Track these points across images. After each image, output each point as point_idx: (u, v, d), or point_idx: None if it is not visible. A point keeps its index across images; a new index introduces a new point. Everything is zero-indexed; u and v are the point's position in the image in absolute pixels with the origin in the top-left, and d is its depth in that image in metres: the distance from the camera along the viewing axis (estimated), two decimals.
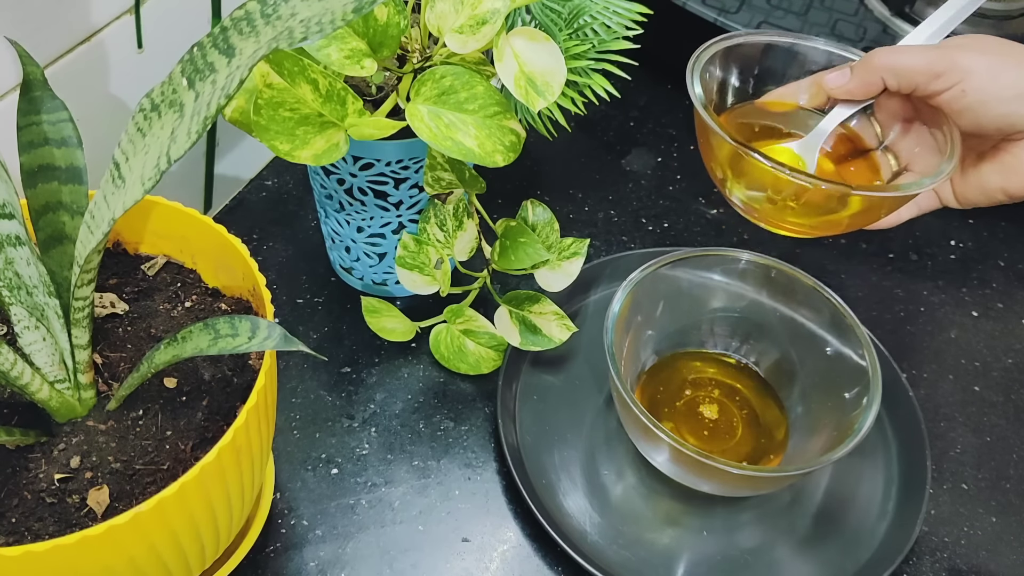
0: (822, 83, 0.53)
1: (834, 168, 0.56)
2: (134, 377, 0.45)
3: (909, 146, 0.54)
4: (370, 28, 0.50)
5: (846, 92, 0.52)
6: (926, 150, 0.53)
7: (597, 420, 0.64)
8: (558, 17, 0.61)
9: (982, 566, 0.59)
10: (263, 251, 0.73)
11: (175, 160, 0.37)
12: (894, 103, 0.54)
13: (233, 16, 0.38)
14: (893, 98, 0.52)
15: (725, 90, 0.57)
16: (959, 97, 0.49)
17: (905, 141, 0.54)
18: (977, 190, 0.54)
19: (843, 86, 0.52)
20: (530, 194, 0.78)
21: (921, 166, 0.53)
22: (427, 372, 0.66)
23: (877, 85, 0.51)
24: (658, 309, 0.63)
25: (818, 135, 0.54)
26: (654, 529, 0.59)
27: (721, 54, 0.55)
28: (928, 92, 0.50)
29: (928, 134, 0.53)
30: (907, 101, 0.52)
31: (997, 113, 0.49)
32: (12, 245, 0.43)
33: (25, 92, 0.47)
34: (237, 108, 0.53)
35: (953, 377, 0.69)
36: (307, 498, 0.59)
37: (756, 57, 0.57)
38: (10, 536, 0.43)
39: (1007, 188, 0.53)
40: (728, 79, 0.56)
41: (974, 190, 0.54)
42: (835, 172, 0.56)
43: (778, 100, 0.56)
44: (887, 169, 0.55)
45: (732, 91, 0.57)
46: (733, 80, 0.57)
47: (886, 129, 0.55)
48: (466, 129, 0.52)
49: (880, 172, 0.55)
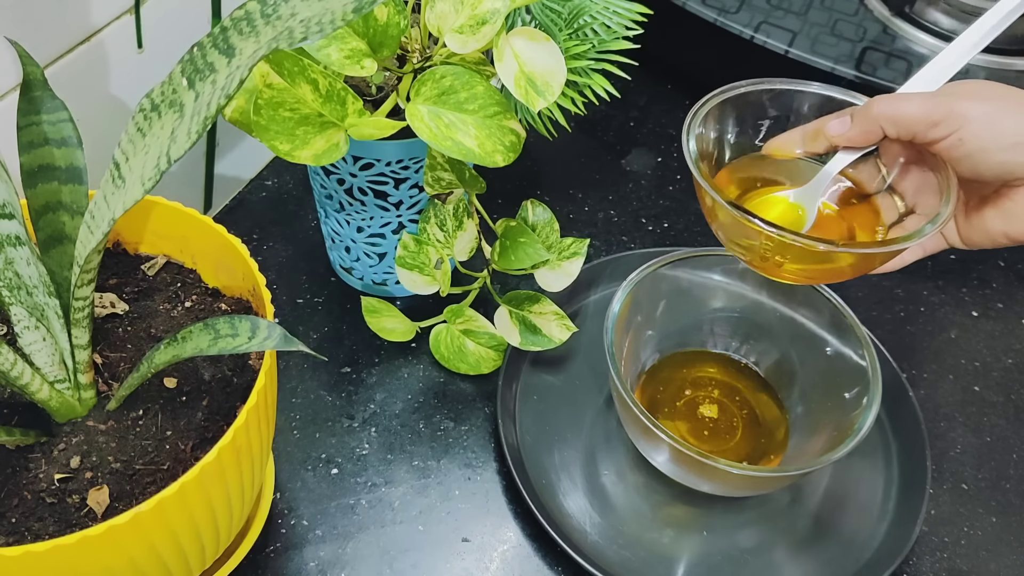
0: (823, 130, 0.53)
1: (836, 213, 0.56)
2: (134, 377, 0.45)
3: (914, 187, 0.54)
4: (370, 28, 0.50)
5: (847, 140, 0.52)
6: (930, 192, 0.52)
7: (597, 420, 0.64)
8: (558, 17, 0.61)
9: (982, 566, 0.59)
10: (263, 251, 0.73)
11: (175, 160, 0.37)
12: (897, 147, 0.54)
13: (233, 16, 0.38)
14: (896, 142, 0.52)
15: (723, 143, 0.57)
16: (957, 145, 0.49)
17: (909, 182, 0.54)
18: (981, 233, 0.54)
19: (843, 134, 0.52)
20: (530, 194, 0.78)
21: (927, 207, 0.52)
22: (427, 372, 0.66)
23: (877, 133, 0.51)
24: (658, 309, 0.63)
25: (819, 182, 0.54)
26: (654, 529, 0.59)
27: (717, 108, 0.55)
28: (927, 140, 0.49)
29: (931, 177, 0.53)
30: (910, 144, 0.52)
31: (995, 161, 0.49)
32: (12, 245, 0.43)
33: (25, 92, 0.47)
34: (237, 108, 0.53)
35: (953, 377, 0.69)
36: (307, 498, 0.59)
37: (753, 107, 0.57)
38: (10, 536, 0.43)
39: (1009, 232, 0.52)
40: (725, 132, 0.56)
41: (978, 233, 0.54)
42: (837, 218, 0.55)
43: (779, 149, 0.56)
44: (892, 212, 0.55)
45: (731, 144, 0.57)
46: (730, 133, 0.57)
47: (890, 171, 0.55)
48: (466, 129, 0.52)
49: (882, 216, 0.55)
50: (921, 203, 0.53)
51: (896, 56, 0.77)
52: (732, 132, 0.57)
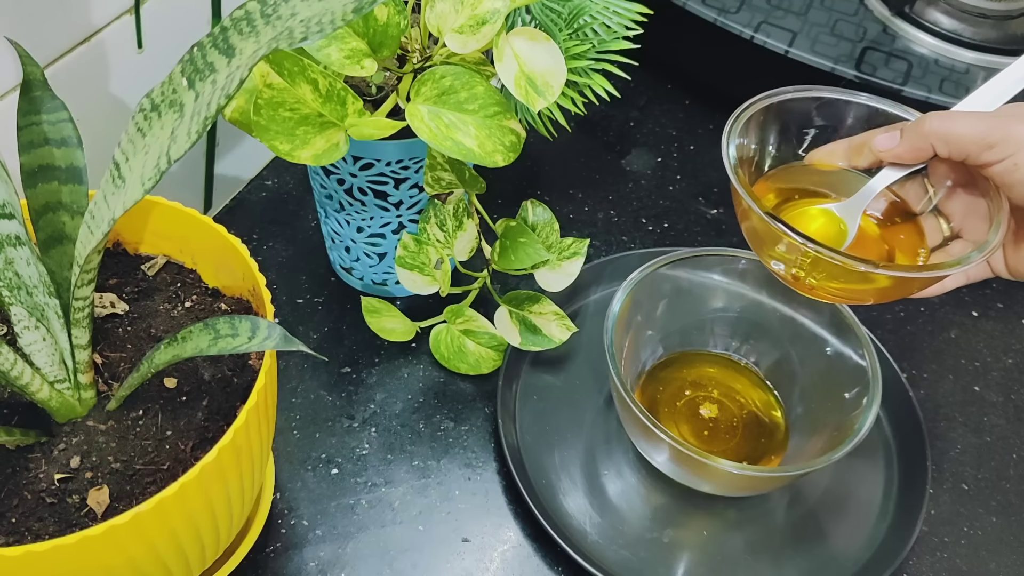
0: (870, 145, 0.51)
1: (878, 233, 0.53)
2: (134, 377, 0.45)
3: (961, 211, 0.51)
4: (370, 28, 0.50)
5: (894, 156, 0.50)
6: (978, 217, 0.50)
7: (597, 420, 0.64)
8: (558, 17, 0.61)
9: (982, 566, 0.59)
10: (263, 251, 0.73)
11: (175, 160, 0.37)
12: (946, 167, 0.51)
13: (233, 16, 0.38)
14: (946, 162, 0.50)
15: (764, 151, 0.55)
16: (1011, 170, 0.46)
17: (957, 205, 0.52)
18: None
19: (891, 150, 0.50)
20: (530, 194, 0.78)
21: (974, 233, 0.50)
22: (427, 372, 0.66)
23: (927, 151, 0.49)
24: (658, 309, 0.63)
25: (862, 197, 0.52)
26: (654, 529, 0.59)
27: (760, 113, 0.53)
28: (979, 162, 0.47)
29: (981, 201, 0.50)
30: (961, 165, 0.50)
31: None
32: (12, 245, 0.43)
33: (25, 92, 0.47)
34: (237, 108, 0.53)
35: (953, 377, 0.69)
36: (307, 498, 0.59)
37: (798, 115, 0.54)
38: (10, 536, 0.43)
39: None
40: (767, 140, 0.54)
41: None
42: (878, 237, 0.53)
43: (823, 160, 0.54)
44: (936, 234, 0.52)
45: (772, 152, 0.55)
46: (772, 140, 0.55)
47: (937, 191, 0.52)
48: (466, 129, 0.52)
49: (925, 238, 0.53)
50: (968, 228, 0.51)
51: (896, 56, 0.77)
52: (774, 140, 0.55)
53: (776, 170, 0.56)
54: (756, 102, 0.53)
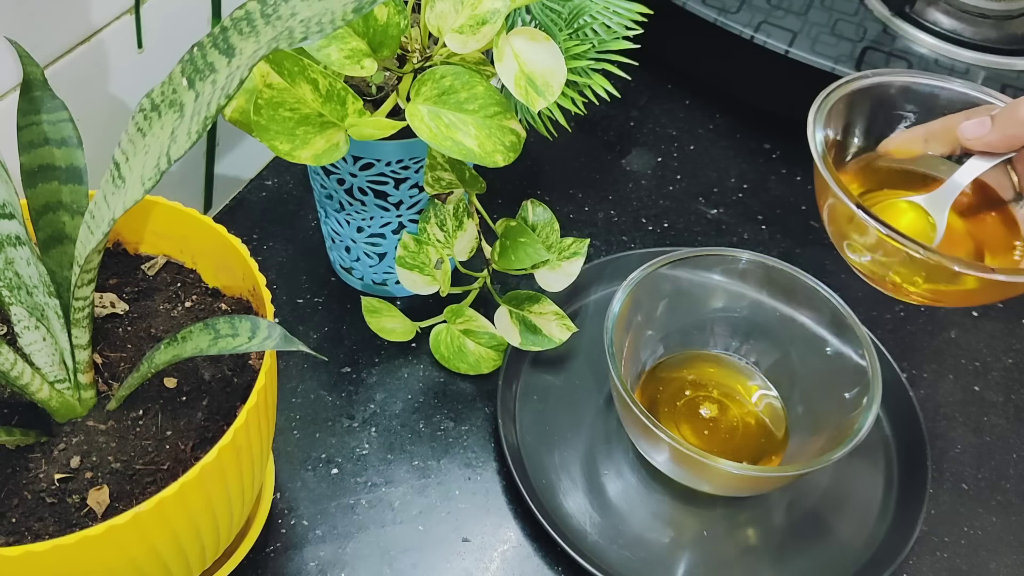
0: (957, 132, 0.48)
1: (964, 226, 0.50)
2: (134, 377, 0.45)
3: None
4: (370, 28, 0.50)
5: (985, 145, 0.46)
6: None
7: (597, 420, 0.64)
8: (558, 17, 0.61)
9: (982, 566, 0.59)
10: (263, 251, 0.73)
11: (175, 160, 0.37)
12: None
13: (233, 16, 0.38)
14: None
15: (849, 139, 0.52)
16: None
17: None
18: None
19: (982, 138, 0.46)
20: (530, 194, 0.78)
21: None
22: (427, 372, 0.66)
23: (1022, 139, 0.46)
24: (658, 309, 0.63)
25: (949, 190, 0.48)
26: (654, 529, 0.59)
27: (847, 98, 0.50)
28: None
29: None
30: None
31: None
32: (12, 245, 0.43)
33: (25, 92, 0.47)
34: (237, 108, 0.53)
35: (953, 377, 0.69)
36: (307, 498, 0.59)
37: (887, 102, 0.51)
38: (10, 536, 0.43)
39: None
40: (853, 126, 0.51)
41: None
42: (965, 231, 0.50)
43: (900, 148, 0.51)
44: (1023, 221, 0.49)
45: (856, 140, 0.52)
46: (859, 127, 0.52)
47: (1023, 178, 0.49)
48: (466, 129, 0.52)
49: (1021, 229, 0.50)
50: None
51: (896, 56, 0.77)
52: (860, 127, 0.52)
53: (855, 160, 0.53)
54: (843, 85, 0.50)
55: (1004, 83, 0.75)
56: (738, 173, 0.82)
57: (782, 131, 0.84)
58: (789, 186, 0.81)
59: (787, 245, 0.76)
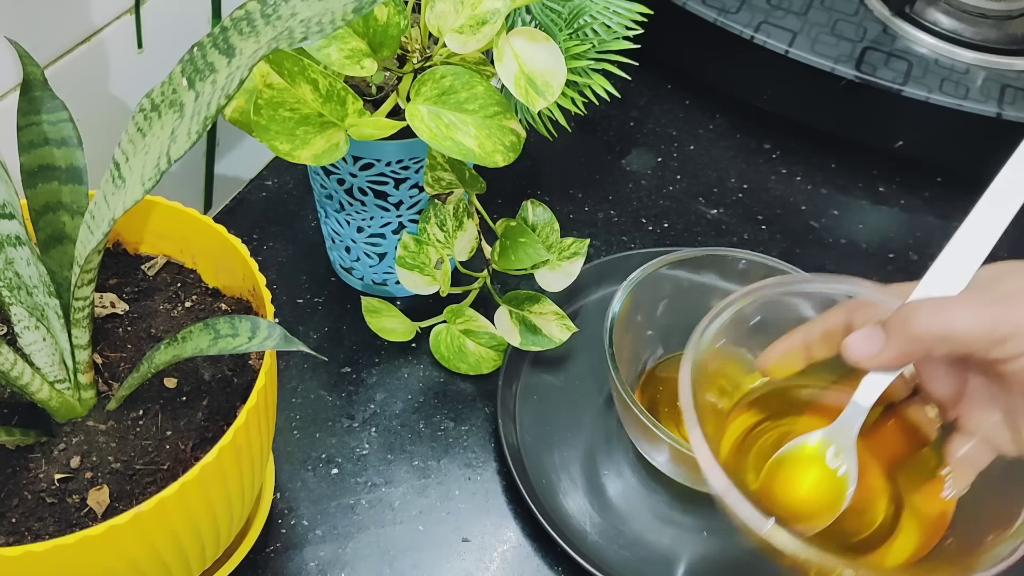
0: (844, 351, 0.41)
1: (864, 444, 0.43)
2: (134, 377, 0.45)
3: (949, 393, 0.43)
4: (370, 28, 0.50)
5: (880, 365, 0.40)
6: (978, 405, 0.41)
7: (597, 420, 0.64)
8: (558, 17, 0.61)
9: None
10: (263, 251, 0.73)
11: (175, 160, 0.37)
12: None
13: (233, 16, 0.38)
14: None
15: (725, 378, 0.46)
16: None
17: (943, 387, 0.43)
18: None
19: (875, 357, 0.40)
20: (530, 194, 0.78)
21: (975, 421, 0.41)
22: (427, 372, 0.66)
23: (921, 354, 0.40)
24: (658, 309, 0.63)
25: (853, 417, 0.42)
26: (654, 529, 0.59)
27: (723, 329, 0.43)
28: (988, 359, 0.38)
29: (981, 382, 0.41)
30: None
31: None
32: (12, 245, 0.43)
33: (25, 92, 0.47)
34: (237, 108, 0.53)
35: None
36: (307, 498, 0.59)
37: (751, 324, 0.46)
38: (10, 536, 0.43)
39: None
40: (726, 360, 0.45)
41: None
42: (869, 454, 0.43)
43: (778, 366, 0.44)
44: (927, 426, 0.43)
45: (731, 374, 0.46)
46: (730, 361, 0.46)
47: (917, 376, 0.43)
48: (466, 129, 0.52)
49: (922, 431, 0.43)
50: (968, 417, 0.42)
51: (896, 56, 0.77)
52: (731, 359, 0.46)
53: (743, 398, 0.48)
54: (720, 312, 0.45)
55: (1004, 83, 0.75)
56: (738, 173, 0.82)
57: (782, 131, 0.84)
58: (789, 186, 0.81)
59: (787, 245, 0.76)
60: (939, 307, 0.39)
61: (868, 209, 0.80)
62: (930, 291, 0.41)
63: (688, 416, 0.41)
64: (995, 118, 0.73)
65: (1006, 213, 0.41)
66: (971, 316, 0.38)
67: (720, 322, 0.44)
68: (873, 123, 0.79)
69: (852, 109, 0.78)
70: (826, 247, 0.76)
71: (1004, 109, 0.73)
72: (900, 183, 0.82)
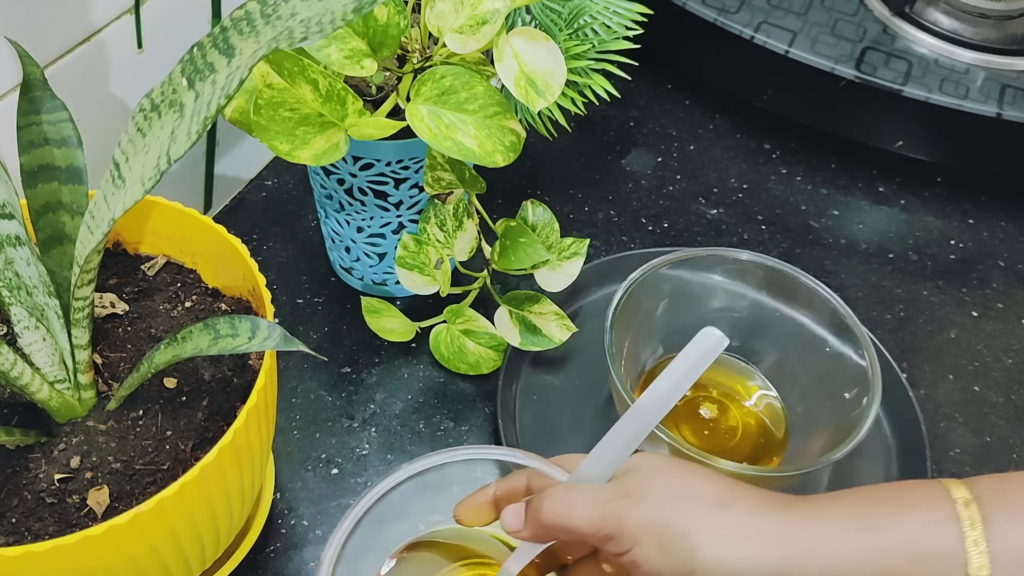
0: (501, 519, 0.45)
1: None
2: (134, 377, 0.45)
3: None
4: (370, 28, 0.51)
5: (523, 538, 0.44)
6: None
7: (597, 420, 0.64)
8: (558, 17, 0.61)
9: None
10: (263, 251, 0.73)
11: (175, 160, 0.37)
12: None
13: (233, 16, 0.38)
14: None
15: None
16: (634, 568, 0.41)
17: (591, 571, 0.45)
18: None
19: (519, 532, 0.44)
20: (530, 194, 0.78)
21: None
22: (427, 372, 0.66)
23: (550, 537, 0.43)
24: (658, 309, 0.63)
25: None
26: None
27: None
28: (605, 551, 0.42)
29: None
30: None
31: None
32: (12, 245, 0.43)
33: (25, 92, 0.47)
34: (237, 108, 0.53)
35: (953, 377, 0.69)
36: (307, 498, 0.59)
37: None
38: (10, 536, 0.43)
39: None
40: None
41: None
42: None
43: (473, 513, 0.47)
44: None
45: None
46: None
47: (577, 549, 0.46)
48: (466, 129, 0.52)
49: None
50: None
51: (896, 56, 0.77)
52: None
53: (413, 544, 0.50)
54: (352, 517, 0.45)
55: (1004, 83, 0.75)
56: (738, 173, 0.82)
57: (782, 131, 0.84)
58: (789, 186, 0.81)
59: (787, 245, 0.76)
60: (564, 499, 0.42)
61: (868, 209, 0.80)
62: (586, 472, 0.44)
63: None
64: (995, 118, 0.73)
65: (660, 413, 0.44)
66: (585, 512, 0.41)
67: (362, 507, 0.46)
68: (873, 123, 0.79)
69: (852, 109, 0.78)
70: (826, 247, 0.76)
71: (1004, 109, 0.73)
72: (900, 183, 0.82)
